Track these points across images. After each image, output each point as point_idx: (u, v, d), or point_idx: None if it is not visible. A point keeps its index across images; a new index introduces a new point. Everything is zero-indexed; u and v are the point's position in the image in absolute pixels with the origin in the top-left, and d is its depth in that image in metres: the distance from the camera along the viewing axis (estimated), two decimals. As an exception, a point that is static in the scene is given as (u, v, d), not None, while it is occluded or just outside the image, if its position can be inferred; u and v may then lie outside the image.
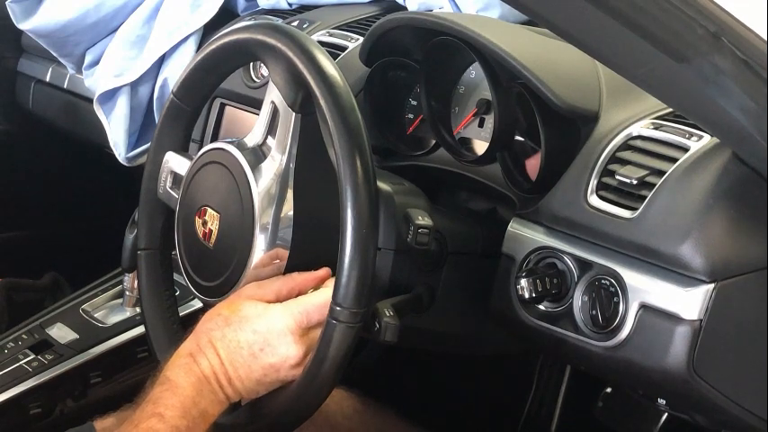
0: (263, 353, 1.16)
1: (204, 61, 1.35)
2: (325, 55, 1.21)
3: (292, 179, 1.25)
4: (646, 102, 1.32)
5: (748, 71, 1.01)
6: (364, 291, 1.15)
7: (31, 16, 2.10)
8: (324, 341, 1.16)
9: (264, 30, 1.27)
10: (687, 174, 1.21)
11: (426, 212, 1.28)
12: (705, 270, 1.17)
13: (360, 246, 1.14)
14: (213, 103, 1.84)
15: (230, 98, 1.81)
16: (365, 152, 1.16)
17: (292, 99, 1.26)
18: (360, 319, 1.16)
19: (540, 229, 1.32)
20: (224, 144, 1.29)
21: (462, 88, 1.52)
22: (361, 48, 1.58)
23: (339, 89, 1.18)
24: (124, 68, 1.99)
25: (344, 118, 1.17)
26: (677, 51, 1.01)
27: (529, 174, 1.42)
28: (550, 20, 1.06)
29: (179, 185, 1.37)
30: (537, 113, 1.36)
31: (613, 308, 1.23)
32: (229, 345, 1.16)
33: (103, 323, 1.79)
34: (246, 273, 1.24)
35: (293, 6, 1.99)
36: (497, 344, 1.48)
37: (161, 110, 1.44)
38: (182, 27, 1.95)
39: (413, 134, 1.58)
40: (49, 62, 2.29)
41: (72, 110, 2.27)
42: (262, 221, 1.24)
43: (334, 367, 1.17)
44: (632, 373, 1.25)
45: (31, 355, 1.71)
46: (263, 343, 1.16)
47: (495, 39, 1.38)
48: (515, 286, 1.28)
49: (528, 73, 1.34)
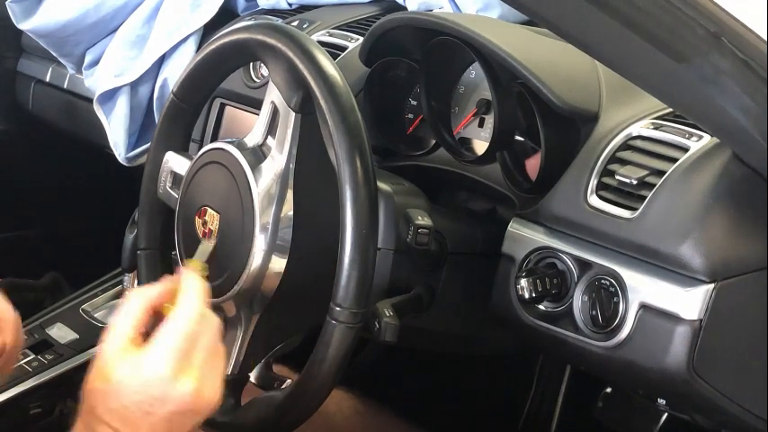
0: (155, 407, 1.04)
1: (204, 61, 1.35)
2: (325, 55, 1.21)
3: (292, 179, 1.25)
4: (645, 102, 1.32)
5: (748, 71, 1.01)
6: (364, 291, 1.15)
7: (30, 16, 2.10)
8: (323, 342, 1.16)
9: (264, 30, 1.27)
10: (687, 174, 1.21)
11: (426, 212, 1.28)
12: (705, 270, 1.17)
13: (359, 246, 1.14)
14: (213, 103, 1.84)
15: (230, 98, 1.81)
16: (365, 152, 1.16)
17: (292, 99, 1.26)
18: (360, 319, 1.16)
19: (539, 229, 1.32)
20: (224, 144, 1.29)
21: (462, 88, 1.52)
22: (361, 48, 1.58)
23: (339, 89, 1.18)
24: (124, 68, 1.99)
25: (344, 118, 1.17)
26: (677, 51, 1.01)
27: (529, 174, 1.42)
28: (550, 20, 1.06)
29: (179, 185, 1.37)
30: (537, 113, 1.36)
31: (613, 308, 1.23)
32: (119, 413, 1.05)
33: (103, 323, 1.79)
34: (246, 272, 1.24)
35: (293, 6, 1.98)
36: (497, 344, 1.48)
37: (161, 110, 1.44)
38: (182, 27, 1.95)
39: (413, 134, 1.58)
40: (49, 62, 2.28)
41: (72, 110, 2.27)
42: (262, 221, 1.24)
43: (334, 368, 1.17)
44: (632, 373, 1.25)
45: (32, 355, 1.72)
46: (150, 398, 1.04)
47: (495, 39, 1.38)
48: (515, 286, 1.28)
49: (528, 73, 1.34)
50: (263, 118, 1.29)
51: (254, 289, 1.25)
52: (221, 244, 1.27)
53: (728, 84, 1.03)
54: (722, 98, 1.06)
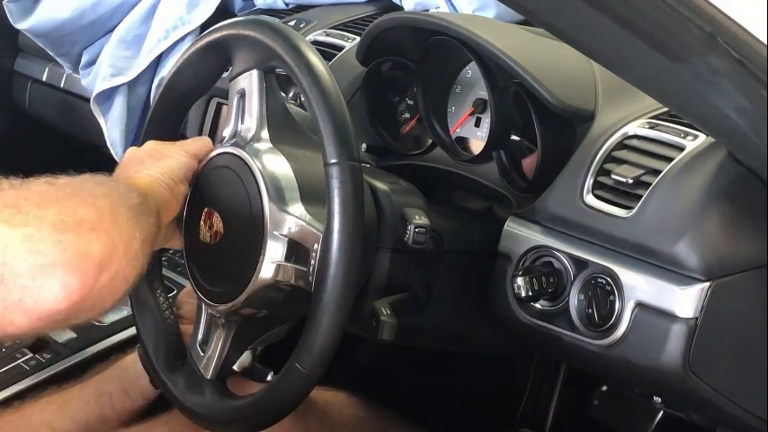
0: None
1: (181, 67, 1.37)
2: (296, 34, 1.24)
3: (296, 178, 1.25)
4: (641, 101, 1.32)
5: (743, 71, 1.02)
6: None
7: (27, 16, 2.10)
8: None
9: (231, 25, 1.30)
10: (682, 173, 1.22)
11: (423, 212, 1.28)
12: (700, 268, 1.18)
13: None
14: (210, 102, 1.84)
15: (226, 97, 1.81)
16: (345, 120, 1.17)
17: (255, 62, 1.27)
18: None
19: (536, 228, 1.32)
20: (230, 148, 1.29)
21: (459, 88, 1.52)
22: (358, 47, 1.58)
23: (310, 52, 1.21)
24: (121, 68, 2.00)
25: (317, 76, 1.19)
26: (673, 51, 1.01)
27: (525, 173, 1.42)
28: (546, 19, 1.06)
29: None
30: (533, 113, 1.36)
31: (609, 306, 1.23)
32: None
33: (101, 322, 1.78)
34: (258, 269, 1.23)
35: (290, 6, 1.99)
36: (494, 342, 1.49)
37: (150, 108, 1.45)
38: (179, 26, 1.95)
39: (409, 133, 1.58)
40: (46, 62, 2.29)
41: (69, 109, 2.27)
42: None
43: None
44: (628, 371, 1.25)
45: (29, 354, 1.71)
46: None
47: (491, 38, 1.39)
48: (512, 285, 1.29)
49: (524, 72, 1.35)
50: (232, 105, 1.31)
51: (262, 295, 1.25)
52: (227, 245, 1.27)
53: (724, 83, 1.04)
54: (717, 98, 1.06)
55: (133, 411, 1.48)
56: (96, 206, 1.04)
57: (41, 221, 0.99)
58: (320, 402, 1.52)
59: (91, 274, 1.00)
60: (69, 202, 1.03)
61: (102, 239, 1.02)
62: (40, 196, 1.03)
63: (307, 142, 1.29)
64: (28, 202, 1.01)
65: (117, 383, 1.48)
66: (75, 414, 1.45)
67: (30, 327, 1.00)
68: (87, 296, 1.00)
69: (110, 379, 1.49)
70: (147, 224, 1.10)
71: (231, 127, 1.32)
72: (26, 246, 0.98)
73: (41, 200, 1.02)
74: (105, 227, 1.03)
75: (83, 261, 1.00)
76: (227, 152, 1.28)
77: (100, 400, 1.47)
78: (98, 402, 1.47)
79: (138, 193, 1.14)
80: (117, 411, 1.47)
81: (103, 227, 1.02)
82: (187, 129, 1.87)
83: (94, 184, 1.09)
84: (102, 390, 1.48)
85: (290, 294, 1.23)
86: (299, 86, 1.20)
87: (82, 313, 1.03)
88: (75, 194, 1.05)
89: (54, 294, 0.98)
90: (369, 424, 1.57)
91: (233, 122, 1.32)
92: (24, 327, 1.00)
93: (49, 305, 0.99)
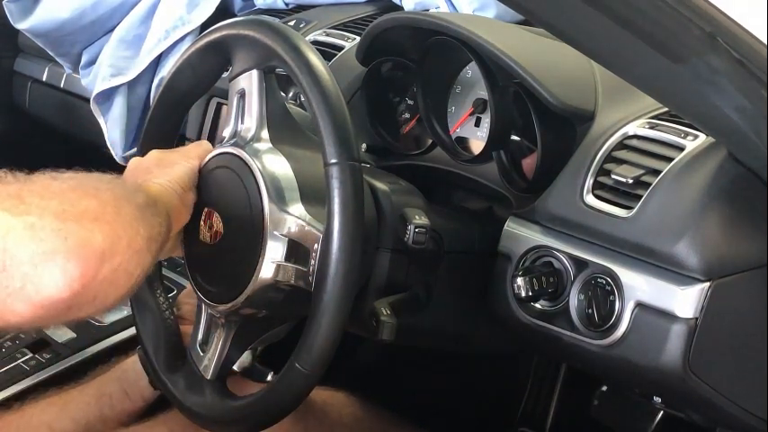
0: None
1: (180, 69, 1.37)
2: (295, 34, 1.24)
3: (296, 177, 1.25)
4: (641, 101, 1.32)
5: (743, 71, 1.02)
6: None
7: (27, 16, 2.10)
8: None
9: (229, 26, 1.30)
10: (682, 173, 1.22)
11: (423, 212, 1.29)
12: (700, 269, 1.18)
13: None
14: (210, 102, 1.84)
15: (226, 97, 1.81)
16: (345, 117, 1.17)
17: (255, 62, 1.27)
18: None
19: (536, 228, 1.32)
20: (230, 148, 1.29)
21: (459, 88, 1.52)
22: (358, 47, 1.58)
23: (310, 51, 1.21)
24: (121, 68, 1.99)
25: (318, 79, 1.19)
26: (673, 51, 1.01)
27: (525, 173, 1.42)
28: (546, 19, 1.06)
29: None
30: (533, 113, 1.36)
31: (609, 306, 1.23)
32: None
33: (101, 322, 1.79)
34: (258, 269, 1.23)
35: (290, 6, 1.99)
36: (494, 342, 1.49)
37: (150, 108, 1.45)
38: (178, 26, 1.95)
39: (409, 133, 1.58)
40: (46, 62, 2.29)
41: (69, 109, 2.27)
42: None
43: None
44: (628, 371, 1.26)
45: (29, 354, 1.71)
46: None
47: (491, 38, 1.39)
48: (512, 285, 1.29)
49: (524, 72, 1.35)
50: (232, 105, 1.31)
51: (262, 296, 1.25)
52: (227, 245, 1.26)
53: (724, 83, 1.04)
54: (717, 98, 1.06)
55: (133, 412, 1.48)
56: (99, 198, 1.04)
57: (44, 211, 1.00)
58: (319, 402, 1.52)
59: (92, 264, 1.00)
60: (72, 193, 1.04)
61: (105, 230, 1.02)
62: (43, 188, 1.03)
63: (307, 142, 1.29)
64: (31, 193, 1.02)
65: (117, 385, 1.48)
66: (75, 415, 1.46)
67: (32, 315, 1.00)
68: (89, 286, 1.01)
69: (110, 380, 1.49)
70: (153, 222, 1.10)
71: (231, 127, 1.32)
72: (28, 234, 0.98)
73: (44, 191, 1.03)
74: (108, 219, 1.03)
75: (84, 250, 1.00)
76: (226, 152, 1.28)
77: (100, 401, 1.47)
78: (98, 403, 1.47)
79: (144, 194, 1.14)
80: (117, 412, 1.47)
81: (106, 218, 1.03)
82: (187, 129, 1.87)
83: (99, 179, 1.10)
84: (102, 391, 1.48)
85: (290, 294, 1.23)
86: (299, 86, 1.20)
87: (84, 305, 1.03)
88: (79, 187, 1.05)
89: (55, 282, 0.99)
90: (368, 424, 1.57)
91: (233, 122, 1.32)
92: (26, 315, 1.00)
93: (50, 293, 0.99)
